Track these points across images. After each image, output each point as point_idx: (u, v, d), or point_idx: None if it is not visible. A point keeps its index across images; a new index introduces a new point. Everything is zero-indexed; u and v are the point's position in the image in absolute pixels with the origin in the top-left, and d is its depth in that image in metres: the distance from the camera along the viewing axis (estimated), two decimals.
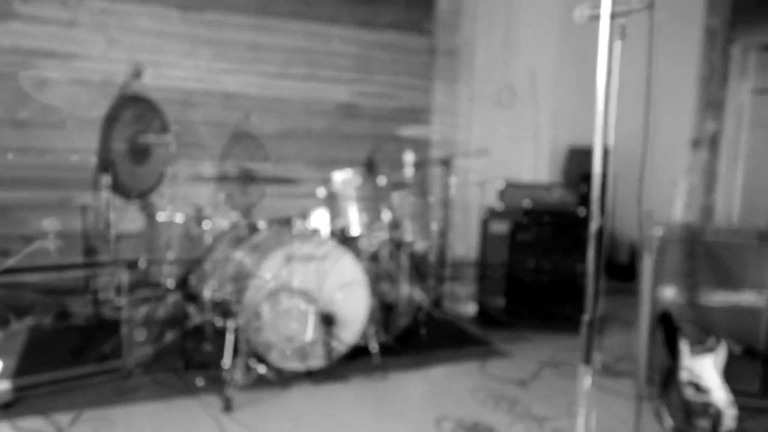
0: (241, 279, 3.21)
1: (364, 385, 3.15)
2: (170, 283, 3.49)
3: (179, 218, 3.60)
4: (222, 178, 3.69)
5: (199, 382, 3.01)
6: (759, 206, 5.49)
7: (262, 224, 3.61)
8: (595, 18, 2.29)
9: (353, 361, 3.34)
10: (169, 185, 3.54)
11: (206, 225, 3.55)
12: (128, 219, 4.15)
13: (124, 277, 3.30)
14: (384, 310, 4.09)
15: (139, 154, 3.67)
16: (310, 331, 3.10)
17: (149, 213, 3.68)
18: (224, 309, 3.38)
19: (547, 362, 3.54)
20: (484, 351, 3.72)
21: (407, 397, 3.06)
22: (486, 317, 4.17)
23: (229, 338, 3.00)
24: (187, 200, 3.79)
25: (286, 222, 3.69)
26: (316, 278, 3.19)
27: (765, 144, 5.52)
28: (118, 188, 3.51)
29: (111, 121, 3.44)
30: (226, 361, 2.94)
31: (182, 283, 3.29)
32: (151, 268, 4.12)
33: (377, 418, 2.81)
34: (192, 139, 4.68)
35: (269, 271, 3.09)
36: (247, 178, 3.56)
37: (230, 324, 3.03)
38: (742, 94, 5.38)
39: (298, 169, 4.88)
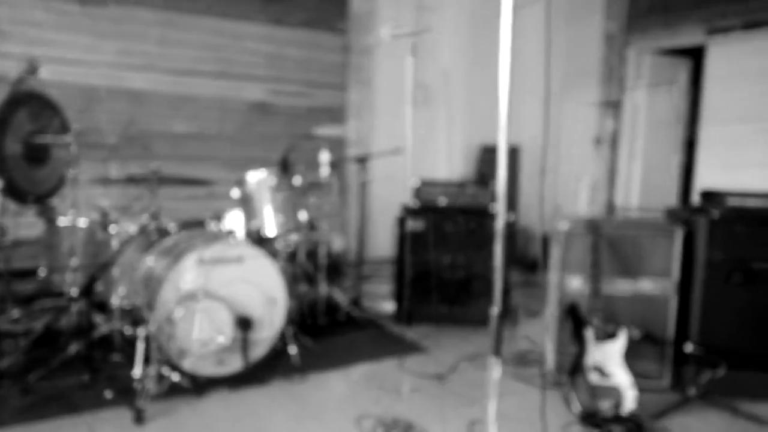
0: (151, 284, 3.09)
1: (283, 388, 3.11)
2: (74, 291, 3.30)
3: (83, 223, 3.41)
4: (129, 180, 3.52)
5: (108, 394, 2.87)
6: (655, 199, 5.89)
7: (173, 227, 3.48)
8: (398, 36, 2.41)
9: (272, 364, 3.29)
10: (71, 188, 3.34)
11: (113, 229, 3.39)
12: (26, 225, 3.89)
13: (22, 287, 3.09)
14: (302, 311, 4.06)
15: (37, 155, 3.45)
16: (225, 335, 3.02)
17: (49, 218, 3.45)
18: (134, 316, 3.24)
19: (464, 356, 3.63)
20: (402, 348, 3.77)
21: (327, 398, 3.05)
22: (404, 314, 4.22)
23: (140, 346, 2.87)
24: (91, 204, 3.60)
25: (198, 224, 3.58)
26: (231, 281, 3.12)
27: (659, 141, 5.92)
28: (12, 192, 3.28)
29: (2, 120, 3.21)
30: (137, 370, 2.82)
31: (87, 291, 3.11)
32: (53, 276, 3.88)
33: (297, 420, 2.78)
34: (96, 140, 4.46)
35: (181, 276, 2.99)
36: (156, 180, 3.42)
37: (141, 332, 2.90)
38: (638, 94, 5.74)
39: (211, 170, 4.75)
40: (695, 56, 5.56)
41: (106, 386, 2.92)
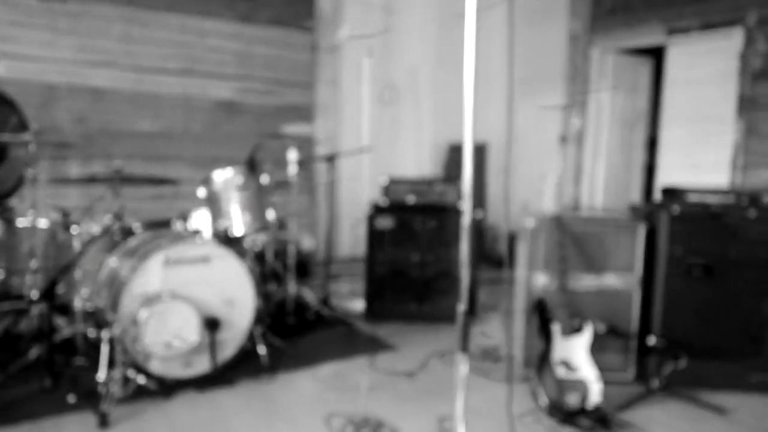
0: (115, 286, 3.02)
1: (251, 388, 3.09)
2: (34, 294, 3.22)
3: (43, 223, 3.33)
4: (91, 180, 3.44)
5: (71, 399, 2.80)
6: (619, 196, 6.01)
7: (137, 227, 3.42)
8: (355, 38, 2.44)
9: (240, 365, 3.26)
10: (31, 188, 3.25)
11: (74, 230, 3.31)
12: None
13: None
14: (271, 311, 4.03)
15: None
16: (193, 337, 2.98)
17: (7, 219, 3.35)
18: (98, 318, 3.17)
19: (433, 352, 3.65)
20: (372, 346, 3.77)
21: (296, 397, 3.03)
22: (374, 312, 4.22)
23: (104, 349, 2.81)
24: (52, 204, 3.51)
25: (164, 224, 3.52)
26: (197, 281, 3.07)
27: (623, 140, 6.04)
28: None
29: None
30: (101, 374, 2.76)
31: (48, 294, 3.03)
32: (12, 278, 3.77)
33: (266, 420, 2.76)
34: (57, 138, 4.35)
35: (146, 277, 2.94)
36: (119, 179, 3.35)
37: (105, 334, 2.84)
38: (601, 93, 5.84)
39: (177, 169, 4.68)
40: (658, 57, 5.69)
41: (68, 391, 2.85)
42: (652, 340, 3.18)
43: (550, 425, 2.73)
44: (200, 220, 3.50)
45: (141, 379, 2.90)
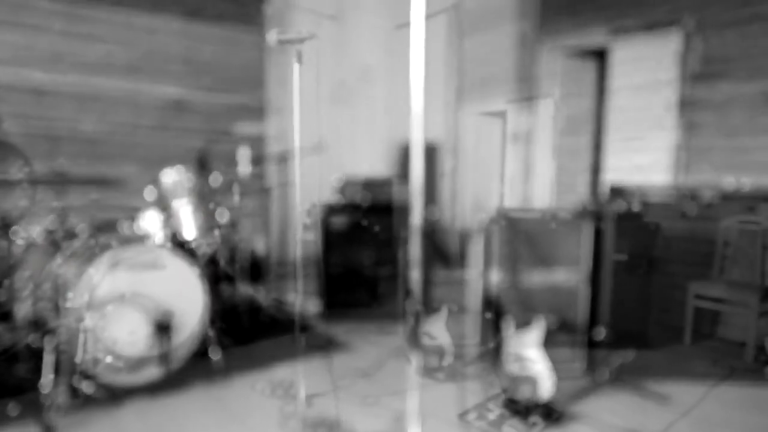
0: (59, 291, 2.92)
1: (205, 392, 3.03)
2: None
3: None
4: (32, 182, 3.31)
5: (13, 410, 2.69)
6: (569, 194, 6.16)
7: (82, 230, 3.31)
8: (284, 42, 2.47)
9: (193, 368, 3.19)
10: None
11: (14, 234, 3.18)
12: None
13: None
14: (224, 313, 3.97)
15: None
16: (142, 342, 2.90)
17: None
18: (41, 326, 3.06)
19: (387, 351, 3.66)
20: (326, 345, 3.76)
21: (251, 400, 2.99)
22: (327, 312, 4.21)
23: (48, 357, 2.71)
24: None
25: (111, 226, 3.42)
26: (146, 285, 3.00)
27: (572, 139, 6.19)
28: None
29: None
30: (46, 383, 2.66)
31: None
32: None
33: (220, 424, 2.72)
34: None
35: (93, 281, 2.85)
36: (61, 180, 3.23)
37: (49, 342, 2.74)
38: (550, 91, 5.97)
39: (124, 169, 4.55)
40: (606, 59, 5.85)
41: (10, 402, 2.74)
42: (600, 334, 3.28)
43: (496, 420, 2.77)
44: (149, 221, 3.42)
45: (88, 388, 2.81)
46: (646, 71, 5.01)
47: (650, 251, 3.28)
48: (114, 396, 2.86)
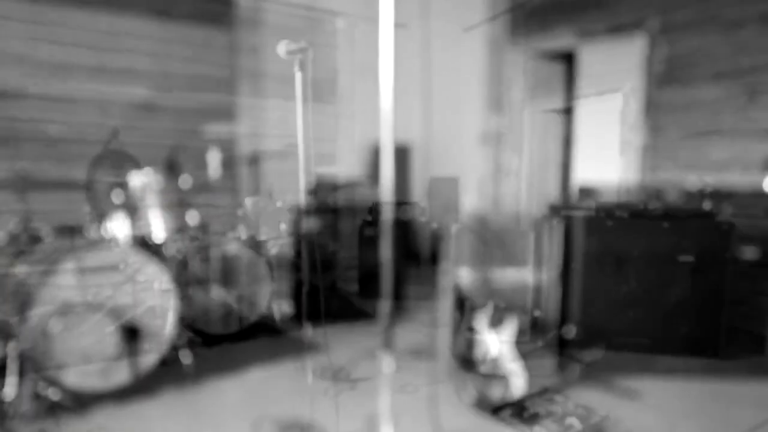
0: (23, 296, 2.85)
1: (175, 397, 2.98)
2: None
3: None
4: None
5: None
6: (540, 194, 6.24)
7: (46, 233, 3.23)
8: (293, 53, 2.51)
9: (163, 373, 3.14)
10: None
11: None
12: None
13: None
14: (195, 317, 3.91)
15: None
16: (110, 347, 2.85)
17: None
18: (3, 331, 2.97)
19: (361, 352, 3.66)
20: (300, 348, 3.74)
21: (224, 404, 2.96)
22: (301, 315, 4.18)
23: (12, 364, 2.64)
24: None
25: (76, 230, 3.34)
26: (114, 289, 2.94)
27: (544, 141, 6.28)
28: None
29: None
30: (9, 390, 2.59)
31: None
32: None
33: (191, 429, 2.68)
34: None
35: (58, 285, 2.78)
36: (24, 182, 3.16)
37: (12, 348, 2.67)
38: (520, 94, 6.05)
39: (90, 172, 4.44)
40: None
41: None
42: (571, 331, 3.32)
43: (472, 420, 2.79)
44: (117, 224, 3.35)
45: (54, 394, 2.74)
46: (612, 73, 5.11)
47: (723, 252, 3.26)
48: (81, 403, 2.80)
